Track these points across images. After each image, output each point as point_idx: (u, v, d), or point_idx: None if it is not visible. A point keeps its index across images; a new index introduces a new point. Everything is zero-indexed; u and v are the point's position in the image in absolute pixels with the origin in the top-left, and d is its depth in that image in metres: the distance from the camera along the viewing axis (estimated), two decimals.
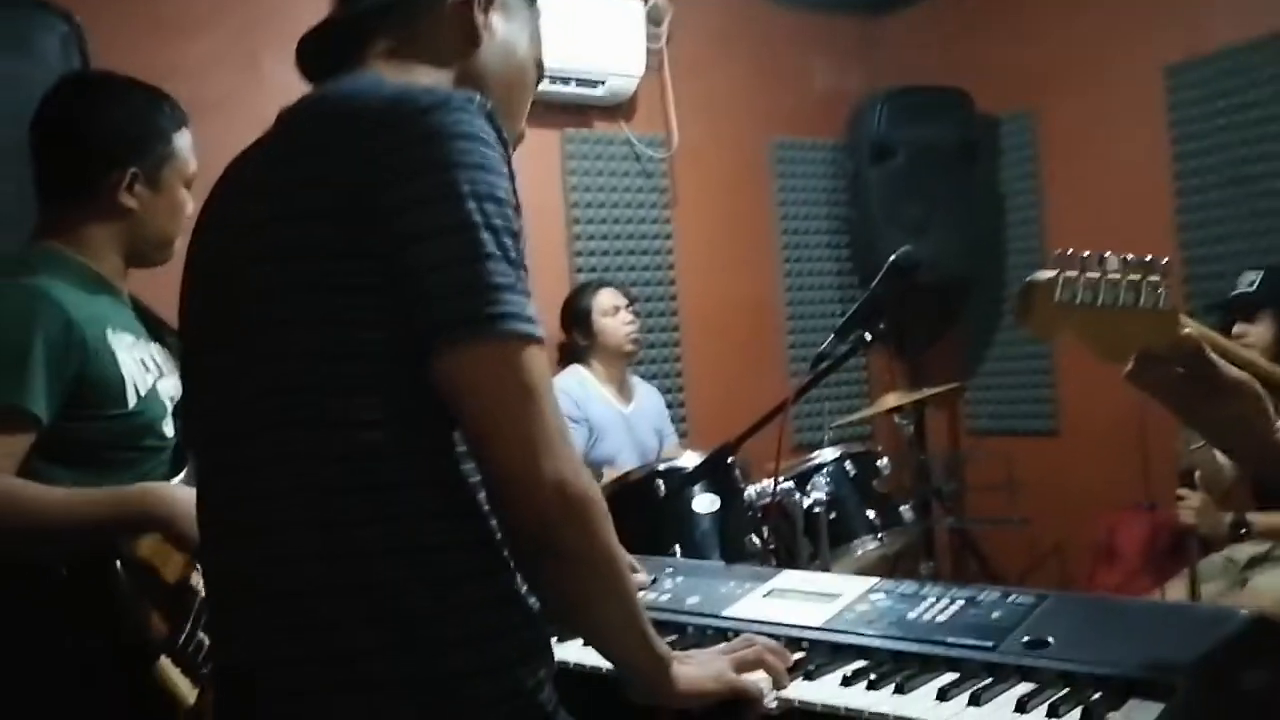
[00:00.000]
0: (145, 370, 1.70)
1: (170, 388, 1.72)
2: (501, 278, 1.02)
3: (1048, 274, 1.06)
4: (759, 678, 1.27)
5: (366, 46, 1.19)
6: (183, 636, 1.62)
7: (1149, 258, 1.10)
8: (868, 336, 2.50)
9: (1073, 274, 1.07)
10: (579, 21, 3.82)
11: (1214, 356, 1.12)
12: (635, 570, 1.59)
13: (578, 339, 3.67)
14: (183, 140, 1.79)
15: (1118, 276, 1.08)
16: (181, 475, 1.70)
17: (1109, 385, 1.20)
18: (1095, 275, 1.07)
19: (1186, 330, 1.11)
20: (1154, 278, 1.09)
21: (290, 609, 1.04)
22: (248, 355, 1.07)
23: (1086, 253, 1.07)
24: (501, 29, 1.23)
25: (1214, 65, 3.74)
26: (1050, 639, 1.28)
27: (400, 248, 1.01)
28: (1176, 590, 2.99)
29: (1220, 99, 3.73)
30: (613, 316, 3.65)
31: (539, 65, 1.30)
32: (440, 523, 1.05)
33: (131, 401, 1.66)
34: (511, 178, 1.07)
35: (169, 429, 1.72)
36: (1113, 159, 4.05)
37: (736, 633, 1.46)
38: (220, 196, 1.19)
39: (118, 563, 1.58)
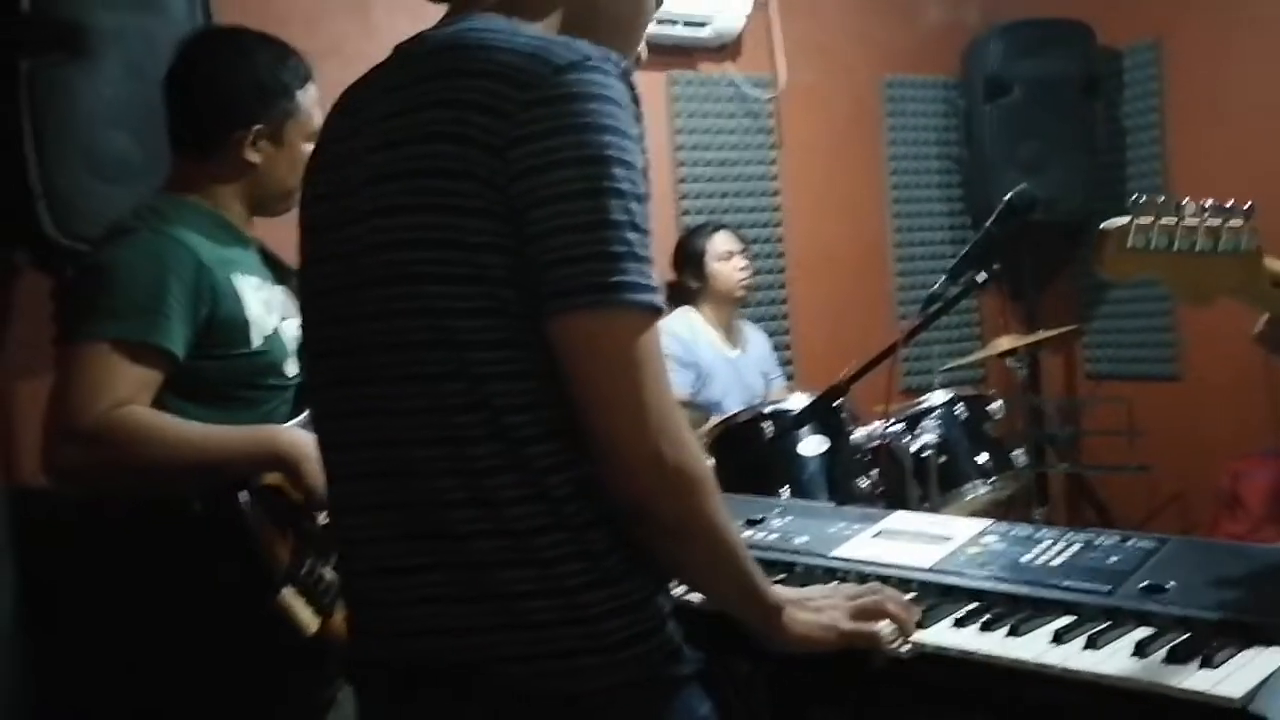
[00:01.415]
0: (270, 312, 1.77)
1: (293, 329, 1.79)
2: (624, 246, 1.02)
3: (1119, 221, 1.07)
4: (883, 625, 1.23)
5: None
6: (304, 567, 1.69)
7: (1229, 203, 1.10)
8: (981, 278, 2.46)
9: (1147, 220, 1.07)
10: None
11: None
12: None
13: (689, 281, 3.65)
14: (306, 97, 1.84)
15: (1195, 222, 1.09)
16: (304, 415, 1.77)
17: (1234, 328, 1.18)
18: (1171, 221, 1.08)
19: None
20: (1234, 222, 1.09)
21: (436, 549, 1.07)
22: (377, 309, 1.08)
23: (1162, 198, 1.08)
24: None
25: None
26: (1170, 584, 1.26)
27: (530, 208, 1.01)
28: None
29: None
30: (726, 261, 3.63)
31: None
32: (567, 471, 1.06)
33: (256, 342, 1.73)
34: (641, 139, 1.07)
35: (291, 369, 1.79)
36: (1245, 91, 3.84)
37: (845, 573, 1.47)
38: (337, 138, 1.19)
39: (244, 493, 1.65)
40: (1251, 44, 3.82)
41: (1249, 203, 1.11)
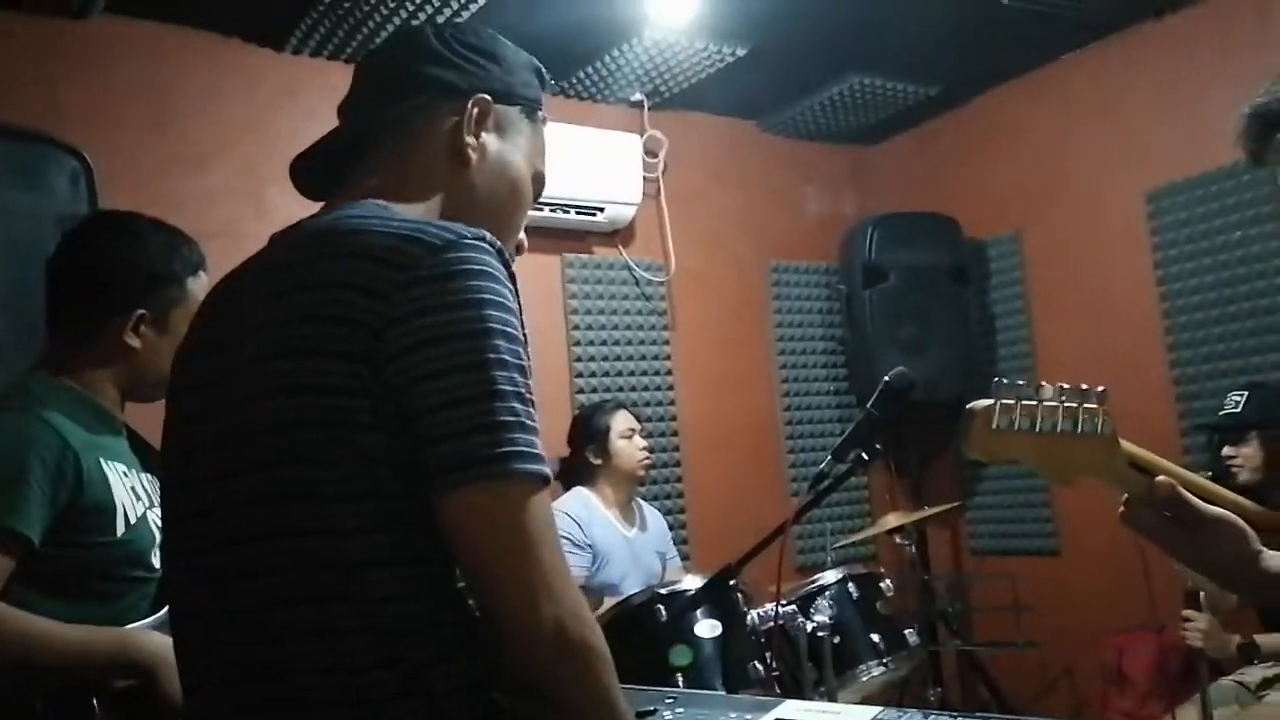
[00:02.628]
0: (136, 499, 1.70)
1: (159, 518, 1.72)
2: (512, 416, 1.01)
3: (985, 402, 1.11)
4: None
5: (361, 161, 1.22)
6: None
7: (1084, 386, 1.16)
8: (865, 456, 2.51)
9: (1010, 402, 1.11)
10: (579, 153, 3.93)
11: (1191, 497, 1.15)
12: None
13: (590, 457, 3.56)
14: (197, 284, 1.81)
15: (1054, 404, 1.13)
16: (164, 611, 1.67)
17: (1106, 503, 1.22)
18: (1032, 403, 1.12)
19: (1160, 478, 1.16)
20: (1090, 405, 1.14)
21: None
22: (250, 496, 1.05)
23: (1023, 382, 1.13)
24: (494, 147, 1.25)
25: (1193, 190, 3.84)
26: None
27: (411, 384, 1.00)
28: (1189, 716, 2.92)
29: (1201, 222, 3.82)
30: (629, 440, 3.57)
31: (538, 179, 1.31)
32: (450, 665, 1.03)
33: (120, 529, 1.65)
34: (520, 313, 1.08)
35: (156, 560, 1.70)
36: (1098, 280, 4.13)
37: None
38: (210, 326, 1.18)
39: (94, 700, 1.55)
40: (1104, 237, 4.11)
41: (1102, 387, 1.17)
